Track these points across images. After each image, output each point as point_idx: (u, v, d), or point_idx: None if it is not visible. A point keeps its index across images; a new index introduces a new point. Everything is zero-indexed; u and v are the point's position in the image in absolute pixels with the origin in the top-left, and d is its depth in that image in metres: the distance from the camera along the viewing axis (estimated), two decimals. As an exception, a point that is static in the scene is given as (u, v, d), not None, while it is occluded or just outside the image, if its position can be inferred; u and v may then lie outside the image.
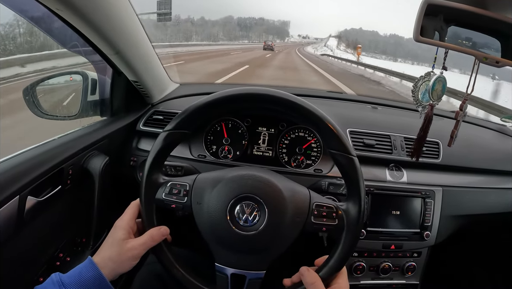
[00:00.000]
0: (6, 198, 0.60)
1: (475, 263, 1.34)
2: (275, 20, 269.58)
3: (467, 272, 1.37)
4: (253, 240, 0.60)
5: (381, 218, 0.95)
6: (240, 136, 1.04)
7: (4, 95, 2.22)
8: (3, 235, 0.60)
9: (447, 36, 0.62)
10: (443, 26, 0.61)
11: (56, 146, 0.78)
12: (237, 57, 20.11)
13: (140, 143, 1.06)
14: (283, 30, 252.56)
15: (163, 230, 0.62)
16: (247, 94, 0.64)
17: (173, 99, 1.16)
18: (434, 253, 1.02)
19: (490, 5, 0.58)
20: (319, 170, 0.98)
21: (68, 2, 0.59)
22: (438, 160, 1.01)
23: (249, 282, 0.61)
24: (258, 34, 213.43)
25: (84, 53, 0.91)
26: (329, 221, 0.62)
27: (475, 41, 0.63)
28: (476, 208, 1.03)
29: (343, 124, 1.01)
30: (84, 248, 0.87)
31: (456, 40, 0.63)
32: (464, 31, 0.62)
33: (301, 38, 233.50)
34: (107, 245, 0.59)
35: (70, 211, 0.84)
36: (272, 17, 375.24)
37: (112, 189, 0.91)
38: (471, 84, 0.65)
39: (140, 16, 0.84)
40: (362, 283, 0.98)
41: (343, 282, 0.61)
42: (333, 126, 0.63)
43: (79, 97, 0.98)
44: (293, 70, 14.97)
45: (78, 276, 0.53)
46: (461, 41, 0.63)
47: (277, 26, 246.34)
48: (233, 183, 0.62)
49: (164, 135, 0.64)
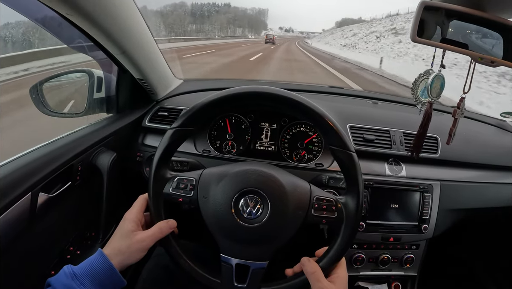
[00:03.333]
0: (20, 195, 0.63)
1: (473, 255, 1.36)
2: (247, 8, 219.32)
3: (464, 264, 1.39)
4: (256, 232, 0.62)
5: (380, 211, 0.97)
6: (243, 131, 1.06)
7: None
8: (17, 229, 0.63)
9: (449, 30, 0.63)
10: (445, 21, 0.62)
11: (66, 143, 0.80)
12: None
13: (146, 139, 1.08)
14: (258, 21, 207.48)
15: (171, 223, 0.64)
16: (251, 92, 0.66)
17: (177, 96, 1.18)
18: (432, 245, 1.04)
19: (487, 6, 0.59)
20: (320, 164, 1.00)
21: (78, 6, 0.60)
22: (437, 154, 1.03)
23: (252, 271, 0.64)
24: (220, 27, 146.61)
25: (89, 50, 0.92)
26: (328, 213, 0.65)
27: (476, 37, 0.64)
28: (473, 202, 1.04)
29: (344, 120, 1.03)
30: (93, 241, 0.90)
31: (457, 34, 0.63)
32: (466, 25, 0.63)
33: (284, 32, 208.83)
34: (117, 237, 0.61)
35: (80, 206, 0.87)
36: (243, 3, 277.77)
37: (119, 183, 0.93)
38: (468, 83, 0.66)
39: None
40: (362, 274, 1.00)
41: (342, 272, 0.64)
42: (333, 123, 0.65)
43: (85, 95, 1.00)
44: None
45: (89, 267, 0.56)
46: (463, 35, 0.64)
47: (250, 16, 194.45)
48: (238, 177, 0.65)
49: (171, 132, 0.66)
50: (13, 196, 0.62)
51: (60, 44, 0.82)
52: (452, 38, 0.63)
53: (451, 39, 0.63)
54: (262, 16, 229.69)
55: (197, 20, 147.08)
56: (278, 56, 19.07)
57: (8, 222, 0.61)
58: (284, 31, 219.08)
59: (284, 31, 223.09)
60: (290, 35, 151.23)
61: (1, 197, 0.60)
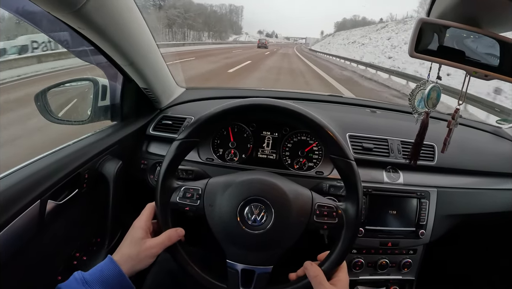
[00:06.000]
0: (29, 202, 0.65)
1: (469, 259, 1.38)
2: (213, 5, 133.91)
3: (461, 268, 1.41)
4: (261, 238, 0.65)
5: (378, 217, 1.00)
6: (245, 140, 1.08)
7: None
8: (26, 236, 0.65)
9: (446, 36, 0.64)
10: (442, 29, 0.64)
11: (72, 151, 0.82)
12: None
13: (150, 147, 1.10)
14: (227, 23, 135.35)
15: (179, 231, 0.66)
16: (254, 105, 0.69)
17: (180, 104, 1.20)
18: (429, 250, 1.06)
19: (482, 23, 0.61)
20: (321, 172, 1.02)
21: (89, 21, 0.63)
22: (433, 162, 1.05)
23: (258, 276, 0.66)
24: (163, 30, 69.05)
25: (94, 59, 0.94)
26: (329, 219, 0.68)
27: (472, 43, 0.65)
28: (470, 208, 1.06)
29: (343, 129, 1.06)
30: (99, 247, 0.92)
31: (453, 41, 0.64)
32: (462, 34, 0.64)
33: (265, 37, 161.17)
34: (127, 244, 0.63)
35: (86, 213, 0.88)
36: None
37: (124, 191, 0.95)
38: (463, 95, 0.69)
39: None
40: (361, 278, 1.02)
41: (343, 275, 0.66)
42: (333, 133, 0.68)
43: (89, 103, 1.01)
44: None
45: (99, 274, 0.57)
46: (459, 41, 0.65)
47: (218, 17, 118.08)
48: (243, 186, 0.67)
49: (177, 144, 0.69)
50: (23, 203, 0.63)
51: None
52: (448, 45, 0.64)
53: (447, 46, 0.64)
54: (234, 17, 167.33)
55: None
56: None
57: (18, 229, 0.62)
58: (265, 36, 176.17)
59: (265, 35, 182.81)
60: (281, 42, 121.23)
61: (12, 204, 0.61)
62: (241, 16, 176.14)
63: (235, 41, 68.00)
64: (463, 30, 0.63)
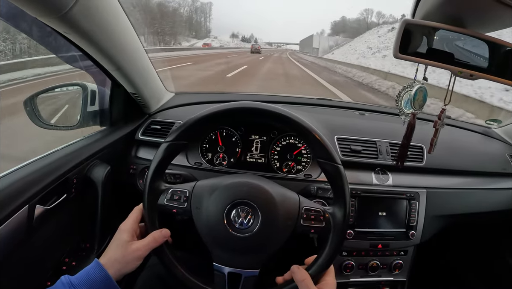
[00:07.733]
0: (17, 207, 0.64)
1: (461, 259, 1.39)
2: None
3: (453, 268, 1.42)
4: (248, 241, 0.65)
5: (368, 219, 1.00)
6: (234, 144, 1.08)
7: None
8: (14, 241, 0.65)
9: (435, 39, 0.64)
10: (431, 31, 0.64)
11: (61, 156, 0.82)
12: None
13: (139, 152, 1.10)
14: (183, 23, 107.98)
15: (164, 232, 0.66)
16: (242, 108, 0.69)
17: (169, 109, 1.20)
18: (420, 251, 1.06)
19: (466, 23, 0.62)
20: (309, 175, 1.02)
21: (75, 26, 0.63)
22: (422, 163, 1.06)
23: (244, 279, 0.66)
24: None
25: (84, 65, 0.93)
26: (317, 223, 0.68)
27: (462, 44, 0.66)
28: (459, 208, 1.07)
29: (331, 132, 1.06)
30: (88, 252, 0.91)
31: (443, 43, 0.65)
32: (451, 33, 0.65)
33: (239, 41, 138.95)
34: (113, 247, 0.62)
35: (75, 218, 0.88)
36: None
37: (113, 195, 0.95)
38: (448, 95, 0.70)
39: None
40: (352, 280, 1.02)
41: (330, 279, 0.66)
42: (320, 137, 0.68)
43: (79, 108, 1.01)
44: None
45: (86, 277, 0.56)
46: (448, 42, 0.65)
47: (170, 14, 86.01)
48: (229, 189, 0.67)
49: (165, 146, 0.68)
50: (11, 208, 0.63)
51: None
52: (437, 48, 0.65)
53: (437, 48, 0.65)
54: (198, 15, 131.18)
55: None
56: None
57: (6, 234, 0.62)
58: (240, 41, 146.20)
59: (241, 40, 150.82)
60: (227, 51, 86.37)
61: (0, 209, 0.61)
62: (209, 16, 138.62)
63: (191, 47, 52.15)
64: (452, 32, 0.64)
